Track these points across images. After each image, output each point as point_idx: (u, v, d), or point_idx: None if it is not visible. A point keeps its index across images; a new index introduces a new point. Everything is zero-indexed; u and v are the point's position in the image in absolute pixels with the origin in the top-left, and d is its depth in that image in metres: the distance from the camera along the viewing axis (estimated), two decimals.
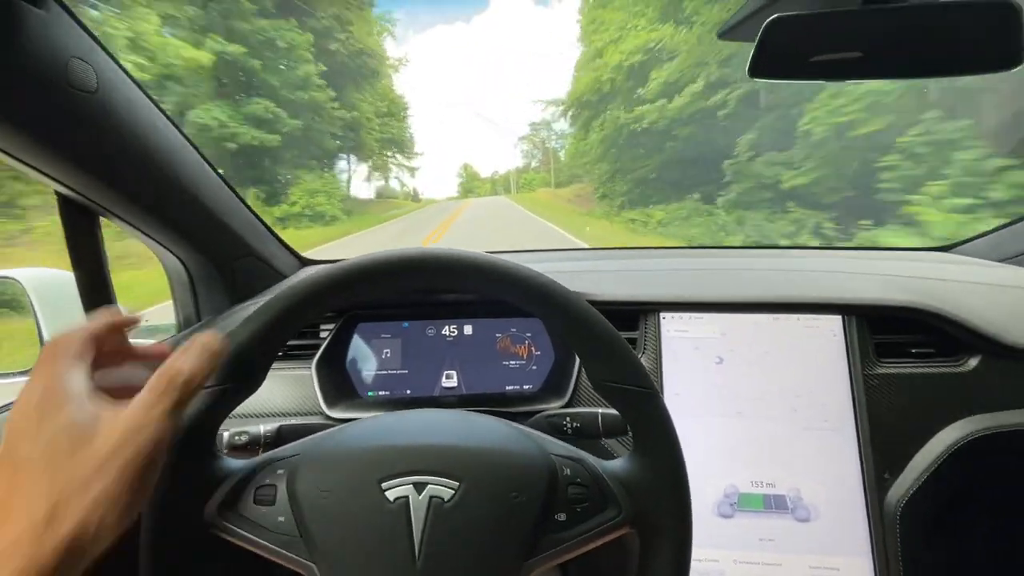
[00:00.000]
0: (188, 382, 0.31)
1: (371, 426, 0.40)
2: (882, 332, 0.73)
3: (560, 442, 0.41)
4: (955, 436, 0.66)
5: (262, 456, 0.38)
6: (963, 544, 0.78)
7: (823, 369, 0.71)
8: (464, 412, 0.42)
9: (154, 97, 0.61)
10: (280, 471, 0.37)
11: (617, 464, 0.40)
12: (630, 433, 0.40)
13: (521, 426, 0.42)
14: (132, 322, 0.35)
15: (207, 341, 0.33)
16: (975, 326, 0.69)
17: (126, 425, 0.29)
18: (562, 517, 0.37)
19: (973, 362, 0.70)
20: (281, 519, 0.36)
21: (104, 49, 0.52)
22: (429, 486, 0.36)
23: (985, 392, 0.69)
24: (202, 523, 0.36)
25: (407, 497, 0.35)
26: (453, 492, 0.36)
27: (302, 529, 0.35)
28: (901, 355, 0.72)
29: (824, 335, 0.73)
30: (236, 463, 0.38)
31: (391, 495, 0.35)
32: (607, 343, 0.38)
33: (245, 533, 0.36)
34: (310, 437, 0.40)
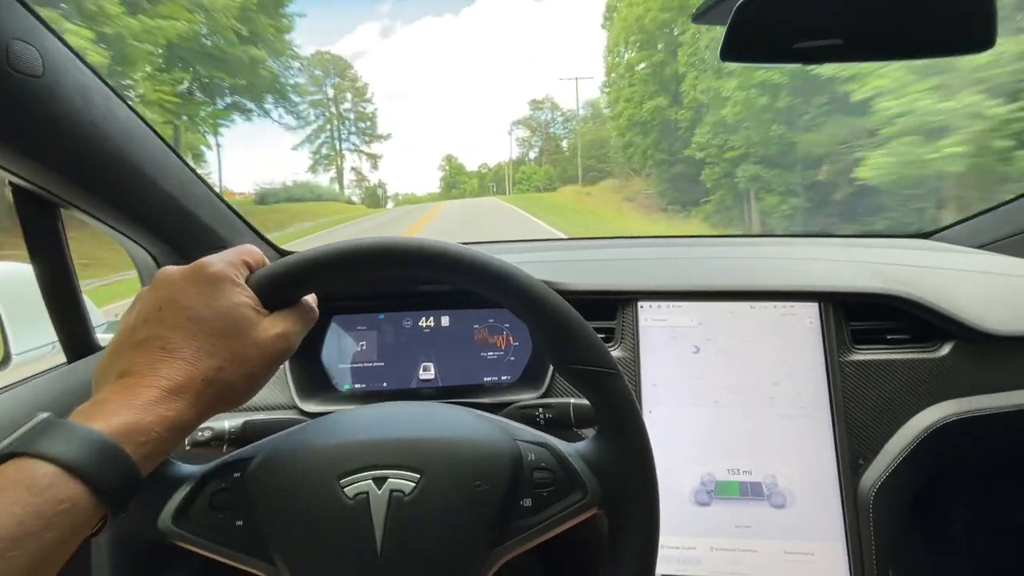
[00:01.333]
0: (314, 318, 0.39)
1: (329, 423, 0.39)
2: (858, 319, 0.73)
3: (526, 428, 0.41)
4: (929, 421, 0.67)
5: (217, 460, 0.37)
6: (937, 528, 0.79)
7: (799, 356, 0.71)
8: (427, 403, 0.42)
9: (111, 83, 0.58)
10: (236, 474, 0.36)
11: (582, 446, 0.39)
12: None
13: (486, 414, 0.42)
14: (263, 263, 0.39)
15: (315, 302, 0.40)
16: (950, 313, 0.69)
17: (279, 329, 0.35)
18: (528, 503, 0.37)
19: (947, 348, 0.71)
20: (239, 523, 0.35)
21: (52, 31, 0.49)
22: (389, 480, 0.35)
23: (959, 378, 0.69)
24: (156, 532, 0.35)
25: (367, 492, 0.35)
26: (414, 485, 0.35)
27: (261, 532, 0.34)
28: (877, 342, 0.72)
29: (801, 323, 0.73)
30: (189, 468, 0.37)
31: (350, 491, 0.35)
32: (566, 324, 0.37)
33: (202, 540, 0.35)
34: (267, 439, 0.39)
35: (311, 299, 0.40)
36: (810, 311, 0.73)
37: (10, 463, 0.26)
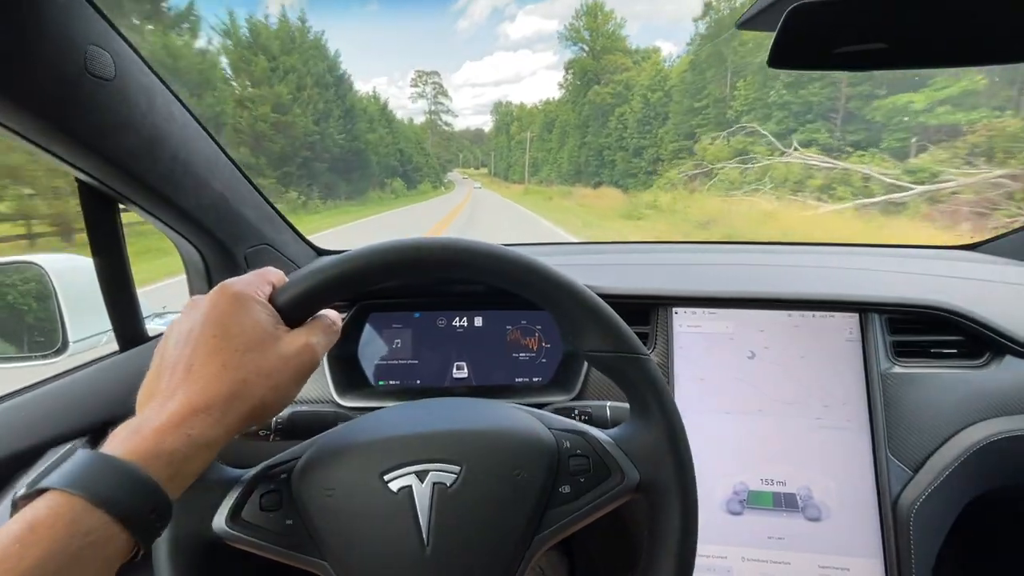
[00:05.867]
0: (337, 331, 0.39)
1: (369, 421, 0.40)
2: (902, 331, 0.71)
3: (561, 417, 0.41)
4: (975, 439, 0.65)
5: (263, 464, 0.38)
6: (981, 551, 0.76)
7: (837, 367, 0.70)
8: (463, 399, 0.43)
9: (171, 86, 0.61)
10: (283, 476, 0.37)
11: (617, 431, 0.40)
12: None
13: (521, 406, 0.42)
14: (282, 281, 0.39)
15: (339, 317, 0.41)
16: (999, 327, 0.67)
17: (302, 341, 0.36)
18: (566, 489, 0.37)
19: (997, 364, 0.68)
20: (289, 522, 0.36)
21: (122, 36, 0.52)
22: (431, 473, 0.36)
23: (1010, 395, 0.67)
24: (212, 535, 0.36)
25: (410, 486, 0.36)
26: (455, 476, 0.36)
27: (310, 530, 0.36)
28: (921, 355, 0.70)
29: (840, 333, 0.71)
30: (236, 472, 0.38)
31: (394, 486, 0.36)
32: (592, 312, 0.38)
33: (254, 539, 0.36)
34: (309, 440, 0.39)
35: (333, 314, 0.40)
36: (850, 322, 0.71)
37: (40, 499, 0.26)
